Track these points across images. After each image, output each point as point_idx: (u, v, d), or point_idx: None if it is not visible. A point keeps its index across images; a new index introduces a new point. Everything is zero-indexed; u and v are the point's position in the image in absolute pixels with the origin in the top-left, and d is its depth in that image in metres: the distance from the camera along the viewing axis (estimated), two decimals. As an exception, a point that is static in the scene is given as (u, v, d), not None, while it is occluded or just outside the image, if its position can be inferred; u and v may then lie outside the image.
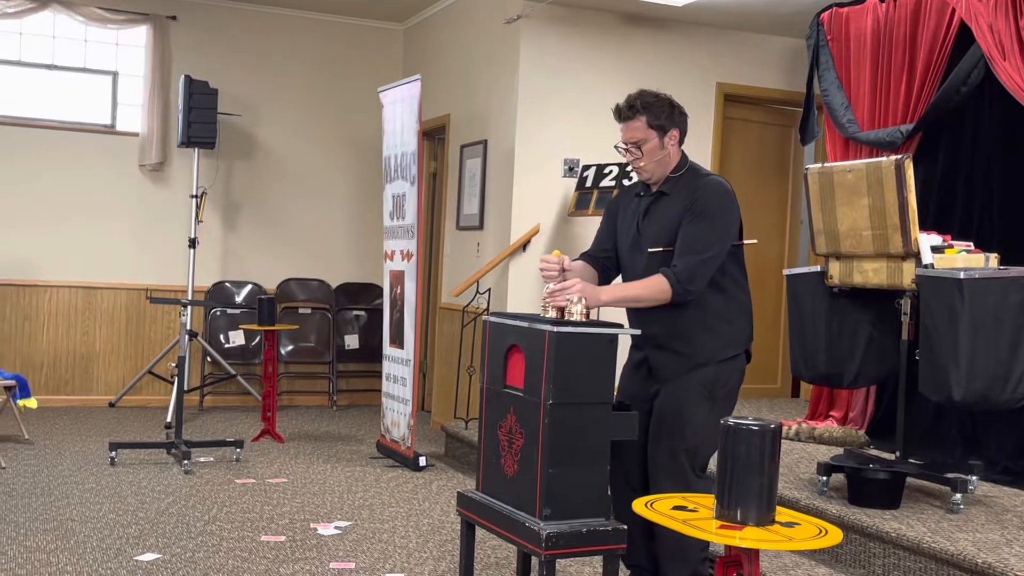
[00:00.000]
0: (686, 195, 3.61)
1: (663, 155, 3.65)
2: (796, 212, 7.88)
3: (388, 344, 6.77)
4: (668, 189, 3.68)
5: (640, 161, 3.66)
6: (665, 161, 3.66)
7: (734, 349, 3.65)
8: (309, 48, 8.82)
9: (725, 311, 3.63)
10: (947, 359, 3.96)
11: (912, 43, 5.49)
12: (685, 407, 3.60)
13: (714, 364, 3.61)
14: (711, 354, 3.61)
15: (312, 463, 6.41)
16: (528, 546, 3.42)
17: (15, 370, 7.51)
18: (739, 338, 3.67)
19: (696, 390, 3.60)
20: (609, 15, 7.08)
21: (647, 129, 3.62)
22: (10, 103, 8.10)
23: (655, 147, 3.64)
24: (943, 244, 4.23)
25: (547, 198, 6.92)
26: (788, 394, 7.91)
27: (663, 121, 3.63)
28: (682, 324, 3.62)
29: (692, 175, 3.68)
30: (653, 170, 3.67)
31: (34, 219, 8.07)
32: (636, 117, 3.63)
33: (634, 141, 3.65)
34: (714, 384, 3.61)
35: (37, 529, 4.71)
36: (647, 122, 3.62)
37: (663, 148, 3.64)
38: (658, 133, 3.63)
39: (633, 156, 3.68)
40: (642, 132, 3.62)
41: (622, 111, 3.67)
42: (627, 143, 3.68)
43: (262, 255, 8.71)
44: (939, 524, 4.00)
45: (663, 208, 3.68)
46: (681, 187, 3.65)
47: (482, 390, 3.77)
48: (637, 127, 3.63)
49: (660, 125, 3.63)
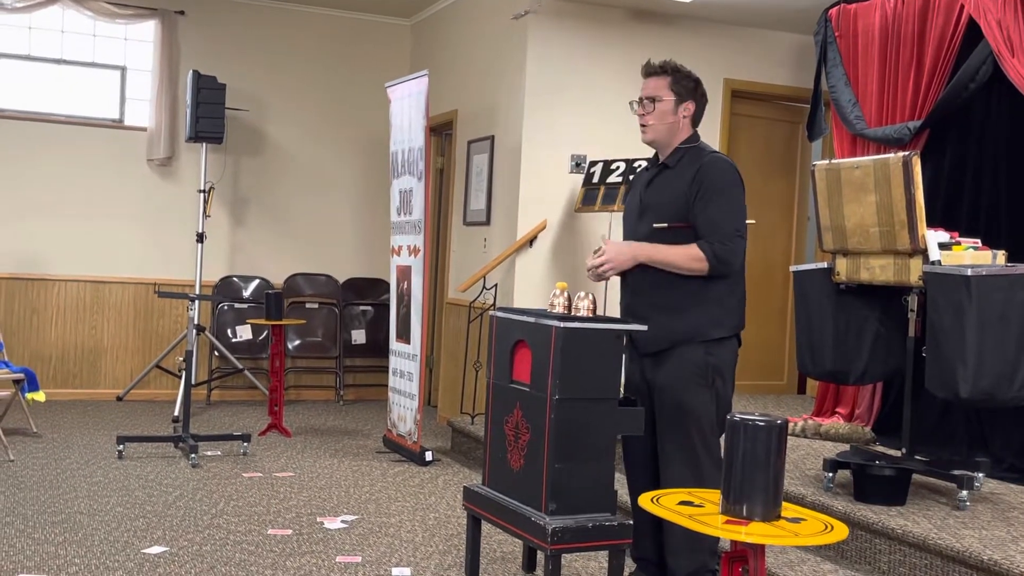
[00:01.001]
0: (690, 170, 3.65)
1: (672, 121, 3.72)
2: (803, 208, 7.87)
3: (395, 339, 6.78)
4: (672, 162, 3.73)
5: (649, 117, 3.73)
6: (673, 129, 3.73)
7: (721, 331, 3.64)
8: (317, 43, 8.83)
9: (713, 291, 3.63)
10: (954, 356, 3.96)
11: (920, 39, 5.48)
12: (685, 397, 3.60)
13: (699, 343, 3.59)
14: (697, 332, 3.60)
15: (319, 457, 6.42)
16: (534, 541, 3.43)
17: (23, 364, 7.54)
18: (728, 320, 3.66)
19: (692, 380, 3.60)
20: (616, 10, 7.08)
21: (666, 89, 3.72)
22: (19, 97, 8.13)
23: (668, 109, 3.71)
24: (950, 241, 4.22)
25: (554, 194, 6.93)
26: (794, 391, 7.91)
27: (683, 90, 3.72)
28: (666, 298, 3.63)
29: (699, 151, 3.73)
30: (656, 130, 3.73)
31: (42, 213, 8.10)
32: (662, 75, 3.74)
33: (650, 96, 3.73)
34: (707, 369, 3.60)
35: (45, 522, 4.73)
36: (669, 84, 3.72)
37: (674, 114, 3.72)
38: (675, 98, 3.72)
39: (644, 110, 3.75)
40: (661, 90, 3.72)
41: (651, 67, 3.78)
42: (643, 97, 3.75)
43: (269, 250, 8.73)
44: (945, 521, 4.01)
45: (667, 181, 3.72)
46: (686, 161, 3.70)
47: (488, 385, 3.79)
48: (659, 84, 3.73)
49: (679, 92, 3.72)
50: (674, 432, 3.63)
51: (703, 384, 3.61)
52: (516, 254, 6.90)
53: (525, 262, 6.91)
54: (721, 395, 3.66)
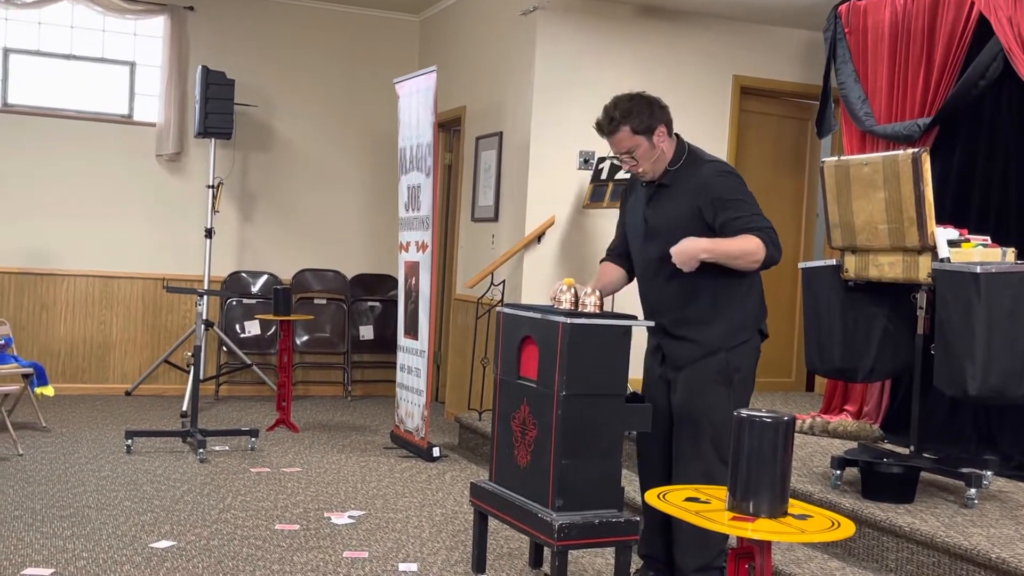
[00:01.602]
0: (690, 185, 3.63)
1: (657, 154, 3.68)
2: (812, 205, 7.86)
3: (403, 335, 6.78)
4: (669, 181, 3.71)
5: (638, 167, 3.71)
6: (662, 158, 3.70)
7: (746, 333, 3.67)
8: (326, 39, 8.83)
9: (735, 296, 3.64)
10: (963, 354, 3.95)
11: (930, 36, 5.46)
12: (703, 396, 3.62)
13: (725, 351, 3.62)
14: (723, 341, 3.62)
15: (326, 453, 6.43)
16: (541, 537, 3.43)
17: (33, 358, 7.56)
18: (750, 321, 3.68)
19: (712, 378, 3.62)
20: (626, 7, 7.06)
21: (633, 136, 3.64)
22: (28, 92, 8.15)
23: (647, 150, 3.67)
24: (960, 238, 4.21)
25: (562, 190, 6.92)
26: (802, 388, 7.90)
27: (645, 125, 3.64)
28: (692, 311, 3.64)
29: (692, 164, 3.69)
30: (652, 168, 3.70)
31: (51, 208, 8.12)
32: (619, 129, 3.66)
33: (626, 151, 3.68)
34: (728, 369, 3.62)
35: (54, 516, 4.75)
36: (632, 130, 3.64)
37: (654, 148, 3.67)
38: (645, 136, 3.65)
39: (630, 164, 3.72)
40: (629, 141, 3.65)
41: (603, 126, 3.71)
42: (619, 154, 3.72)
43: (278, 245, 8.74)
44: (953, 519, 3.99)
45: (667, 199, 3.70)
46: (683, 176, 3.68)
47: (496, 381, 3.79)
48: (623, 138, 3.66)
49: (645, 128, 3.64)
50: (689, 431, 3.64)
51: (721, 384, 3.63)
52: (524, 250, 6.90)
53: (533, 258, 6.91)
54: (739, 394, 3.67)
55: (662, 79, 7.20)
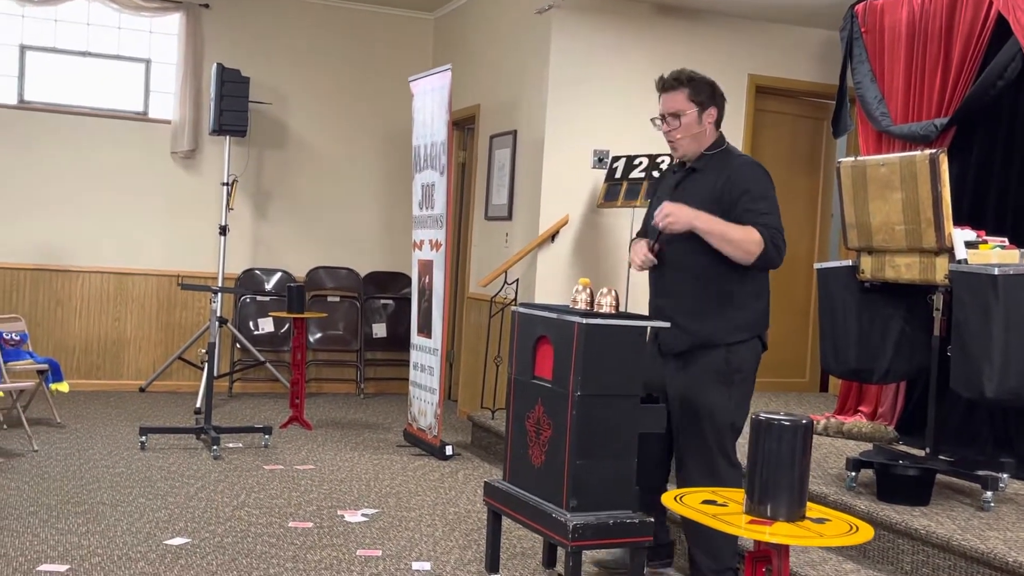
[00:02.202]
0: (721, 173, 3.64)
1: (699, 131, 3.70)
2: (827, 205, 7.83)
3: (416, 333, 6.79)
4: (701, 166, 3.72)
5: (676, 132, 3.70)
6: (700, 138, 3.71)
7: (743, 334, 3.65)
8: (340, 37, 8.84)
9: (738, 296, 3.64)
10: (980, 356, 3.92)
11: (948, 36, 5.43)
12: (703, 395, 3.62)
13: (723, 347, 3.61)
14: (718, 336, 3.61)
15: (339, 450, 6.44)
16: (555, 537, 3.43)
17: (48, 354, 7.59)
18: (750, 324, 3.67)
19: (711, 376, 3.62)
20: (641, 5, 7.05)
21: (687, 102, 3.69)
22: (45, 89, 8.18)
23: (693, 121, 3.69)
24: (977, 239, 4.18)
25: (576, 189, 6.91)
26: (816, 388, 7.87)
27: (703, 98, 3.70)
28: (696, 301, 3.65)
29: (726, 155, 3.73)
30: (687, 145, 3.71)
31: (67, 205, 8.15)
32: (679, 88, 3.70)
33: (673, 112, 3.70)
34: (728, 368, 3.62)
35: (68, 512, 4.76)
36: (688, 95, 3.69)
37: (700, 124, 3.70)
38: (697, 108, 3.69)
39: (670, 127, 3.72)
40: (682, 104, 3.69)
41: (666, 81, 3.74)
42: (666, 114, 3.72)
43: (292, 243, 8.76)
44: (969, 522, 3.97)
45: (695, 184, 3.71)
46: (715, 165, 3.69)
47: (510, 381, 3.78)
48: (678, 98, 3.69)
49: (700, 101, 3.69)
50: (690, 429, 3.65)
51: (721, 383, 3.63)
52: (538, 249, 6.89)
53: (547, 257, 6.90)
54: (739, 394, 3.67)
55: (677, 78, 7.18)
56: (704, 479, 3.52)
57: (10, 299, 8.02)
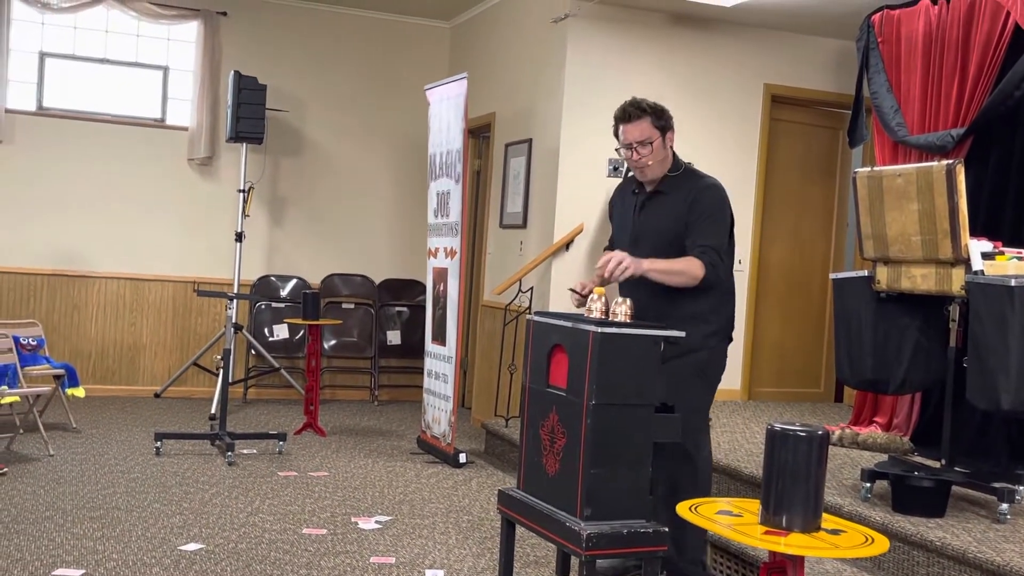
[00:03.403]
0: (687, 195, 3.86)
1: (665, 155, 3.92)
2: (843, 215, 7.81)
3: (430, 340, 6.79)
4: (666, 188, 3.93)
5: (648, 158, 3.89)
6: (665, 161, 3.94)
7: (718, 338, 3.98)
8: (357, 45, 8.87)
9: (715, 305, 3.94)
10: (996, 367, 3.91)
11: (964, 46, 5.41)
12: (683, 390, 3.80)
13: (705, 350, 3.92)
14: (700, 343, 3.89)
15: (353, 457, 6.45)
16: (568, 546, 3.42)
17: (64, 359, 7.64)
18: (725, 328, 4.01)
19: (691, 371, 3.89)
20: (657, 15, 7.06)
21: (652, 128, 3.88)
22: (64, 96, 8.24)
23: (660, 146, 3.90)
24: (994, 251, 4.17)
25: (591, 197, 6.91)
26: (831, 399, 7.84)
27: (664, 123, 3.91)
28: (676, 317, 3.80)
29: (690, 176, 3.95)
30: (656, 169, 3.92)
31: (84, 211, 8.21)
32: (643, 117, 3.88)
33: (641, 140, 3.88)
34: (706, 366, 3.95)
35: (84, 517, 4.78)
36: (652, 122, 3.88)
37: (664, 148, 3.91)
38: (661, 133, 3.89)
39: (641, 154, 3.89)
40: (649, 131, 3.87)
41: (629, 112, 3.91)
42: (634, 142, 3.89)
43: (307, 250, 8.79)
44: (985, 534, 3.95)
45: (661, 206, 3.93)
46: (680, 187, 3.90)
47: (524, 389, 3.78)
48: (644, 126, 3.88)
49: (662, 126, 3.90)
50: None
51: (697, 376, 3.92)
52: (552, 257, 6.90)
53: (561, 265, 6.91)
54: (709, 384, 4.00)
55: (693, 87, 7.19)
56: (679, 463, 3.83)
57: (27, 304, 8.06)
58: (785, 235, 7.65)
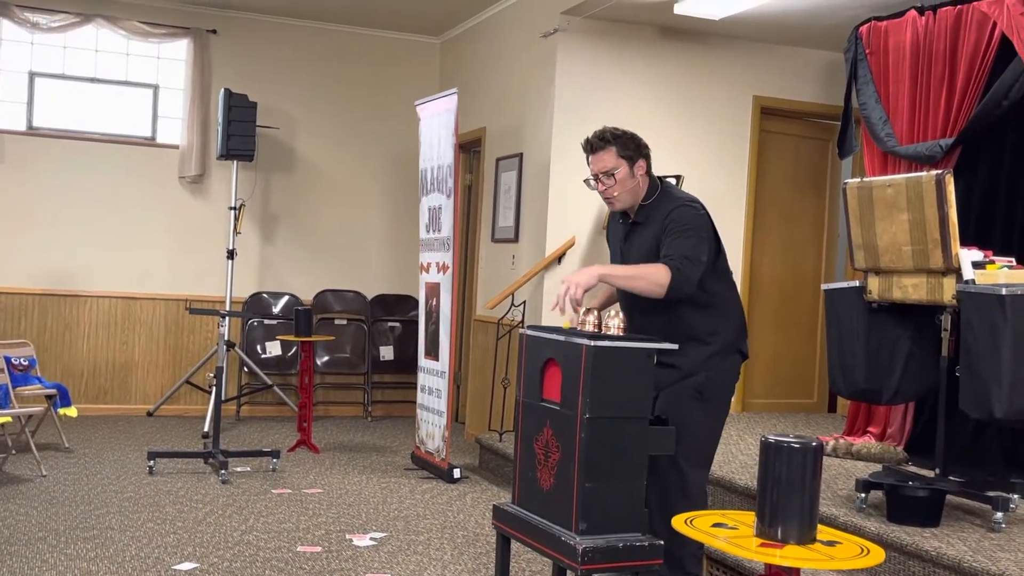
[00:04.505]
0: (661, 220, 3.78)
1: (633, 184, 3.84)
2: (833, 226, 7.83)
3: (423, 356, 6.79)
4: (643, 218, 3.87)
5: (613, 189, 3.83)
6: (636, 190, 3.85)
7: (723, 355, 3.83)
8: (347, 62, 8.89)
9: (712, 326, 3.82)
10: (989, 376, 3.92)
11: (952, 57, 5.44)
12: (679, 411, 3.73)
13: (703, 372, 3.80)
14: (700, 365, 3.79)
15: (347, 474, 6.43)
16: (564, 560, 3.42)
17: (56, 379, 7.61)
18: (727, 346, 3.85)
19: (688, 393, 3.78)
20: (646, 28, 7.08)
21: (617, 158, 3.81)
22: (53, 116, 8.24)
23: (626, 175, 3.82)
24: (984, 260, 4.18)
25: (583, 211, 6.92)
26: (824, 409, 7.85)
27: (630, 151, 3.82)
28: (676, 340, 3.72)
29: (665, 200, 3.85)
30: (625, 199, 3.85)
31: (75, 230, 8.19)
32: (607, 147, 3.82)
33: (606, 170, 3.82)
34: (704, 386, 3.79)
35: (77, 537, 4.76)
36: (617, 152, 3.81)
37: (633, 177, 3.82)
38: (627, 162, 3.81)
39: (605, 185, 3.85)
40: (613, 161, 3.81)
41: (593, 143, 3.86)
42: (599, 173, 3.84)
43: (299, 266, 8.78)
44: (980, 543, 3.96)
45: (640, 236, 3.87)
46: (655, 215, 3.83)
47: (518, 403, 3.78)
48: (608, 157, 3.81)
49: (628, 155, 3.81)
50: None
51: (697, 399, 3.78)
52: (545, 271, 6.90)
53: (554, 279, 6.91)
54: (715, 406, 3.84)
55: (682, 100, 7.22)
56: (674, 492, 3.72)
57: (18, 324, 8.04)
58: (777, 246, 7.67)
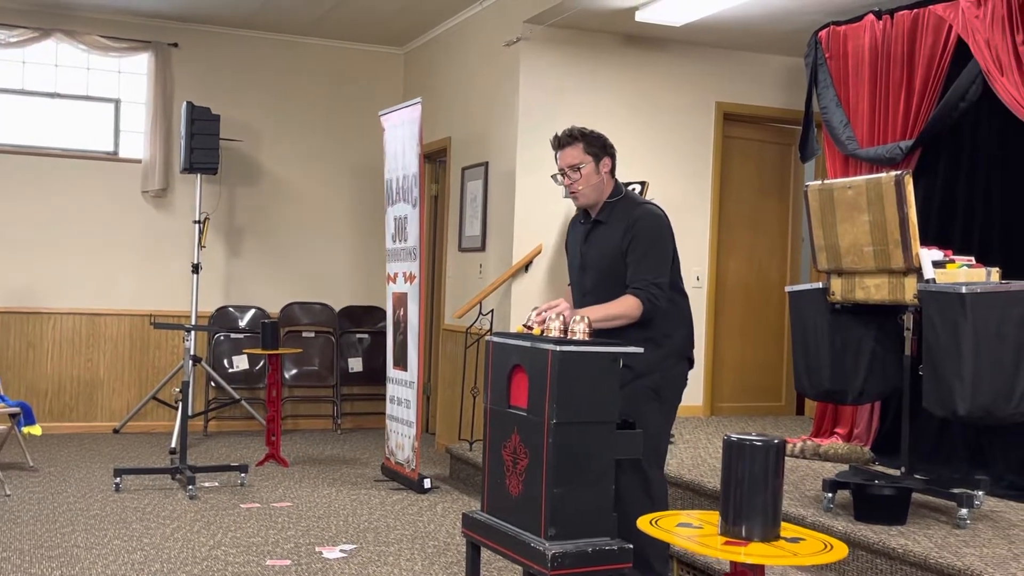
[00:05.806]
0: (623, 223, 3.90)
1: (598, 180, 3.95)
2: (797, 229, 7.89)
3: (392, 366, 6.77)
4: (605, 217, 3.97)
5: (579, 184, 3.94)
6: (600, 187, 3.97)
7: (675, 359, 3.98)
8: (310, 73, 8.87)
9: (667, 328, 3.94)
10: (951, 374, 3.96)
11: (910, 59, 5.51)
12: (637, 410, 3.80)
13: (658, 372, 3.92)
14: (655, 365, 3.90)
15: (317, 487, 6.40)
16: (534, 566, 3.41)
17: (19, 397, 7.51)
18: (680, 349, 4.00)
19: (645, 393, 3.88)
20: (608, 36, 7.12)
21: (583, 154, 3.93)
22: (13, 132, 8.15)
23: (591, 171, 3.94)
24: (944, 259, 4.23)
25: (549, 218, 6.94)
26: (792, 412, 7.90)
27: (596, 149, 3.95)
28: (631, 342, 3.75)
29: (628, 203, 3.97)
30: (589, 194, 3.96)
31: (37, 247, 8.11)
32: (574, 143, 3.95)
33: (572, 165, 3.94)
34: (660, 387, 3.92)
35: (42, 556, 4.70)
36: (583, 148, 3.93)
37: (598, 174, 3.94)
38: (593, 159, 3.94)
39: (571, 179, 3.96)
40: (579, 156, 3.93)
41: (561, 139, 3.99)
42: (565, 167, 3.96)
43: (265, 279, 8.73)
44: (946, 540, 3.99)
45: (601, 236, 3.97)
46: (617, 215, 3.94)
47: (486, 411, 3.78)
48: (574, 152, 3.94)
49: (594, 152, 3.94)
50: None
51: (654, 399, 3.90)
52: (512, 279, 6.91)
53: (521, 287, 6.92)
54: (668, 407, 3.98)
55: (646, 107, 7.26)
56: (638, 489, 3.81)
57: (-19, 343, 7.94)
58: (741, 251, 7.72)
